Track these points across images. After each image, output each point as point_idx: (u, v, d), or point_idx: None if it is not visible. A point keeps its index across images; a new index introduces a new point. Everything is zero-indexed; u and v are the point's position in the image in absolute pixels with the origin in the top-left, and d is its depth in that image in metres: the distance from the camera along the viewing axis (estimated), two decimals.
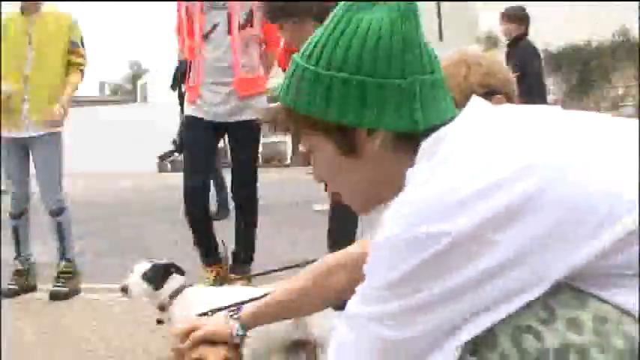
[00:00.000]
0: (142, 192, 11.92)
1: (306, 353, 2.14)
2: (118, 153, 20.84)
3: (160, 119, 18.00)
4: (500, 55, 5.62)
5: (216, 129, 3.77)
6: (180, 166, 4.33)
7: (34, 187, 4.07)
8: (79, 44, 4.10)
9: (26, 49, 3.96)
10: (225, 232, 3.91)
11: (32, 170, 4.09)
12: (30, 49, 3.97)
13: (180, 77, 5.75)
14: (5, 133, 3.99)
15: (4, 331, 3.03)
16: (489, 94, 1.45)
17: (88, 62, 4.14)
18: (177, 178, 4.17)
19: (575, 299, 0.84)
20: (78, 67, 4.09)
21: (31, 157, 4.04)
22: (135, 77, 54.91)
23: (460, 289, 0.83)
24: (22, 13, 4.03)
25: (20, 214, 4.05)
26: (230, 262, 3.74)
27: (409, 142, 0.98)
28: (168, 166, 18.50)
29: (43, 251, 4.51)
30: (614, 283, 0.84)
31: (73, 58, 4.06)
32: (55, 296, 3.87)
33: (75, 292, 3.96)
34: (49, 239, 4.18)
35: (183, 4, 3.81)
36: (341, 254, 1.56)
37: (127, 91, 54.56)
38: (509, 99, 1.54)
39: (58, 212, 4.00)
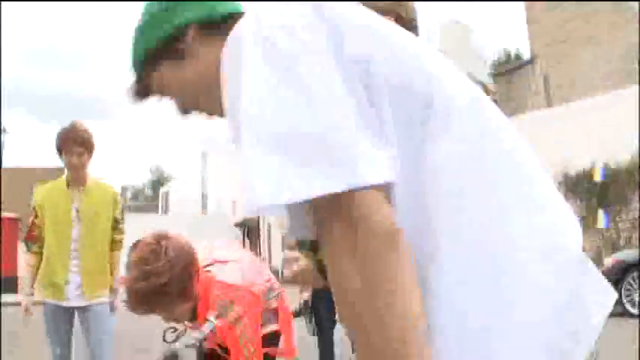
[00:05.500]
0: None
1: None
2: None
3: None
4: None
5: None
6: None
7: None
8: (121, 219, 4.14)
9: (71, 223, 3.95)
10: None
11: None
12: (76, 223, 3.97)
13: None
14: (50, 301, 3.98)
15: None
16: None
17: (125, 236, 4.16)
18: None
19: None
20: (120, 244, 4.11)
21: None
22: (155, 183, 54.20)
23: None
24: (68, 185, 4.00)
25: None
26: None
27: (218, 32, 1.07)
28: None
29: None
30: None
31: (116, 235, 4.10)
32: None
33: None
34: None
35: None
36: None
37: (149, 197, 54.22)
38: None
39: None
